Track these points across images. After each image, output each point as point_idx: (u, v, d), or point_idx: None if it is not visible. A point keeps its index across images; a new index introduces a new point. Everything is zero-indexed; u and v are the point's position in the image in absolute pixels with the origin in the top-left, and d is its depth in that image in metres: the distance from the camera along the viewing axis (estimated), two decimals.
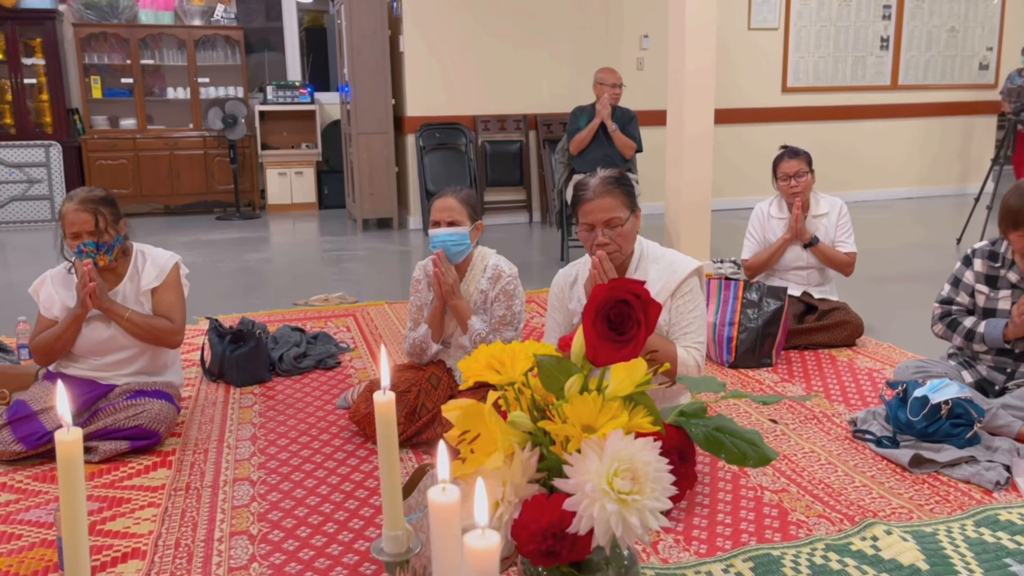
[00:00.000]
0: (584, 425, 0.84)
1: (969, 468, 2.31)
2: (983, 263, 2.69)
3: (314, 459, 2.58)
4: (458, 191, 2.78)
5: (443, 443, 0.67)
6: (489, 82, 7.22)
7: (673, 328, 2.36)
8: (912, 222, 7.13)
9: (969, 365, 2.75)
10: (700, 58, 4.75)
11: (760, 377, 3.26)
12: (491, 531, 0.52)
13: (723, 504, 2.21)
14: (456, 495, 0.61)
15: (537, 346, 0.92)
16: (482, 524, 0.53)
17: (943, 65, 8.41)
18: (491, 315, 2.73)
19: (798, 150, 3.68)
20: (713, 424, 0.94)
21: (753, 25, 7.78)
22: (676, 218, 5.02)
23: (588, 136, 5.21)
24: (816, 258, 3.68)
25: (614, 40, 7.41)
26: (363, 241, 6.66)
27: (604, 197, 2.30)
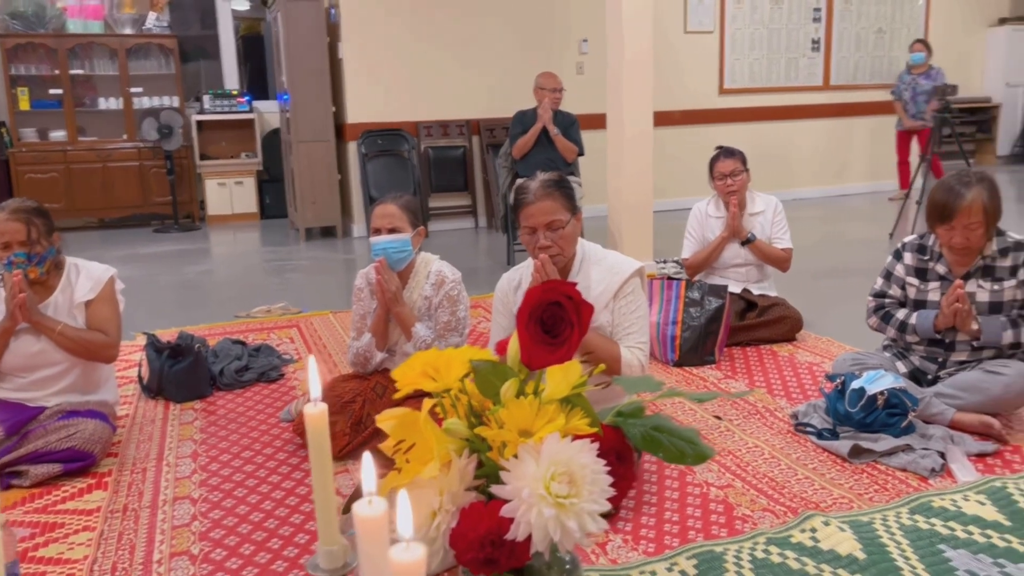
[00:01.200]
0: (521, 430, 0.83)
1: (905, 456, 2.37)
2: (913, 256, 2.77)
3: (257, 474, 2.53)
4: (398, 197, 2.76)
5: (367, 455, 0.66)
6: (431, 88, 7.20)
7: (616, 329, 2.38)
8: (846, 218, 7.31)
9: (903, 356, 2.83)
10: (637, 62, 4.80)
11: (704, 374, 3.30)
12: (416, 544, 0.51)
13: (670, 502, 2.22)
14: (383, 508, 0.59)
15: (473, 351, 0.91)
16: (407, 537, 0.52)
17: (872, 65, 8.66)
18: (436, 321, 2.71)
19: (733, 150, 3.75)
20: (651, 423, 0.94)
21: (689, 28, 7.91)
22: (619, 219, 5.07)
23: (530, 140, 5.23)
24: (754, 255, 3.74)
25: (554, 45, 7.45)
26: (306, 250, 6.57)
27: (544, 200, 2.31)
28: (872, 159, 8.68)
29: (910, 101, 7.82)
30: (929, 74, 7.75)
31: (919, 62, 7.75)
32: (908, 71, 7.88)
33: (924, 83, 7.74)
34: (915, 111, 7.80)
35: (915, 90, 7.79)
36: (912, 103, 7.81)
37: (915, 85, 7.78)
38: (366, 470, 0.62)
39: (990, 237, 2.61)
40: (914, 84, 7.78)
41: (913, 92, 7.80)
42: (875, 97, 8.62)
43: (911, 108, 7.82)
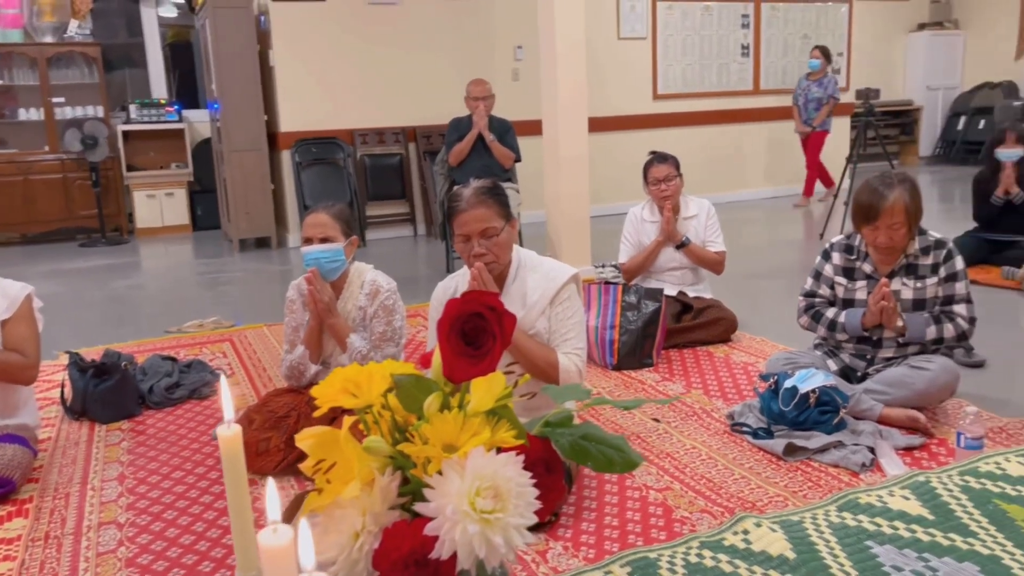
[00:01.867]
0: (446, 444, 0.81)
1: (837, 452, 2.42)
2: (840, 256, 2.83)
3: (189, 495, 2.45)
4: (330, 206, 2.71)
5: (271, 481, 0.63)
6: (365, 95, 7.13)
7: (554, 335, 2.38)
8: (778, 220, 7.48)
9: (833, 354, 2.89)
10: (571, 68, 4.83)
11: (643, 377, 3.33)
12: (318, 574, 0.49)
13: (610, 507, 2.23)
14: (288, 537, 0.57)
15: (396, 365, 0.88)
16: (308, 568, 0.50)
17: (799, 70, 8.86)
18: (371, 332, 2.67)
19: (666, 155, 3.79)
20: (579, 432, 0.93)
21: (622, 35, 8.00)
22: (557, 225, 5.09)
23: (466, 147, 5.21)
24: (688, 258, 3.79)
25: (489, 51, 7.46)
26: (240, 262, 6.42)
27: (478, 207, 2.30)
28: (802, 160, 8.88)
29: (803, 107, 7.92)
30: (822, 82, 7.81)
31: (815, 68, 7.82)
32: (806, 77, 7.97)
33: (816, 90, 7.81)
34: (806, 117, 7.89)
35: (807, 96, 7.87)
36: (804, 109, 7.90)
37: (808, 91, 7.87)
38: (270, 497, 0.59)
39: (912, 236, 2.69)
40: (807, 90, 7.88)
41: (805, 98, 7.89)
42: None
43: (803, 114, 7.91)
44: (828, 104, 7.82)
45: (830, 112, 7.89)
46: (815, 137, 7.97)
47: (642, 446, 2.62)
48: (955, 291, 2.69)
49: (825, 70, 7.85)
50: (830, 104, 7.84)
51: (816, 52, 7.90)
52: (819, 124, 7.88)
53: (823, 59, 7.81)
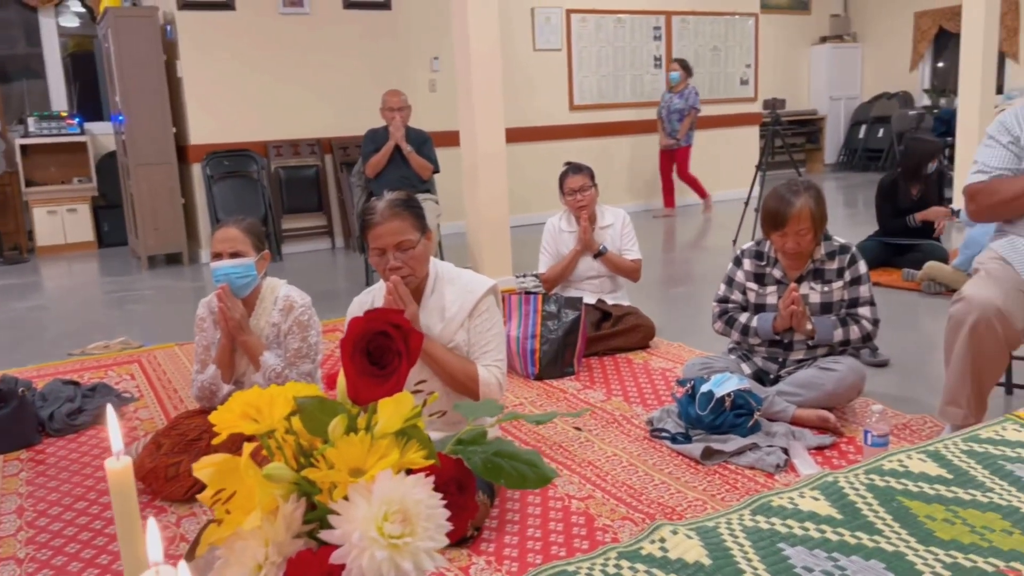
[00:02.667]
0: (353, 468, 0.79)
1: (752, 455, 2.47)
2: (751, 262, 2.91)
3: (93, 526, 2.33)
4: (240, 220, 2.64)
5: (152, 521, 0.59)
6: (279, 107, 6.99)
7: (473, 348, 2.36)
8: (693, 227, 7.65)
9: (747, 358, 2.96)
10: (487, 79, 4.84)
11: (564, 386, 3.34)
12: None
13: (533, 519, 2.22)
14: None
15: (299, 387, 0.85)
16: None
17: (710, 81, 9.13)
18: (286, 349, 2.60)
19: (581, 165, 3.83)
20: (492, 449, 0.91)
21: (538, 47, 8.07)
22: (477, 236, 5.08)
23: (383, 159, 5.16)
24: (606, 267, 3.83)
25: (405, 62, 7.42)
26: (149, 280, 6.19)
27: (392, 220, 2.26)
28: (716, 170, 9.12)
29: (666, 119, 7.92)
30: (683, 94, 7.82)
31: (676, 81, 7.82)
32: (669, 90, 7.99)
33: (677, 102, 7.81)
34: (670, 130, 7.89)
35: (669, 108, 7.87)
36: (667, 121, 7.91)
37: (670, 104, 7.87)
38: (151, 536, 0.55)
39: (819, 241, 2.78)
40: (669, 103, 7.88)
41: (668, 110, 7.89)
42: (715, 111, 9.08)
43: (667, 126, 7.91)
44: (689, 116, 7.81)
45: (692, 125, 7.88)
46: (681, 151, 7.95)
47: (564, 455, 2.63)
48: (859, 294, 2.80)
49: (686, 82, 7.86)
50: (691, 116, 7.82)
51: (676, 65, 7.89)
52: (683, 138, 7.88)
53: (683, 72, 7.82)
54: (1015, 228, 2.48)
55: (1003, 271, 2.39)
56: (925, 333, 3.89)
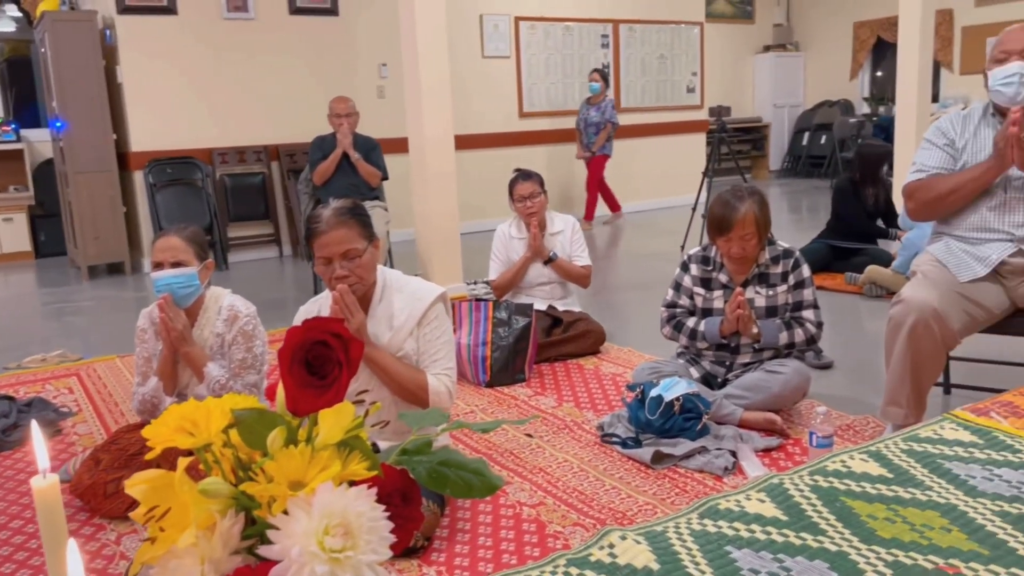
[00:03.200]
0: (293, 481, 0.77)
1: (701, 458, 2.50)
2: (698, 267, 2.94)
3: (29, 545, 2.25)
4: (182, 229, 2.58)
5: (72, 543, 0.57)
6: (224, 113, 6.88)
7: (422, 356, 2.34)
8: (642, 233, 7.73)
9: (695, 362, 3.00)
10: (436, 86, 4.82)
11: (515, 393, 3.33)
12: None
13: (484, 527, 2.20)
14: None
15: (237, 399, 0.83)
16: None
17: (657, 89, 9.25)
18: (230, 360, 2.55)
19: (530, 172, 3.84)
20: (437, 459, 0.90)
21: (487, 54, 8.09)
22: (427, 243, 5.05)
23: (331, 166, 5.10)
24: (556, 273, 3.85)
25: (353, 69, 7.36)
26: (89, 290, 6.02)
27: (338, 229, 2.23)
28: (664, 176, 9.24)
29: (583, 131, 7.81)
30: (600, 106, 7.70)
31: (595, 92, 7.70)
32: (587, 101, 7.85)
33: (594, 114, 7.69)
34: (587, 141, 7.79)
35: (587, 120, 7.78)
36: (584, 133, 7.81)
37: (587, 115, 7.76)
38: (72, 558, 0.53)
39: (763, 246, 2.82)
40: (587, 115, 7.77)
41: (585, 123, 7.79)
42: (661, 118, 9.21)
43: (584, 138, 7.81)
44: (606, 128, 7.72)
45: (609, 136, 7.80)
46: (595, 161, 7.84)
47: (515, 462, 2.62)
48: (803, 297, 2.85)
49: (604, 94, 7.75)
50: (608, 128, 7.73)
51: (595, 76, 7.72)
52: (598, 149, 7.75)
53: (602, 83, 7.70)
54: (950, 230, 2.55)
55: (939, 273, 2.46)
56: (867, 335, 3.98)
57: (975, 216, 2.48)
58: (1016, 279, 2.42)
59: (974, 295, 2.41)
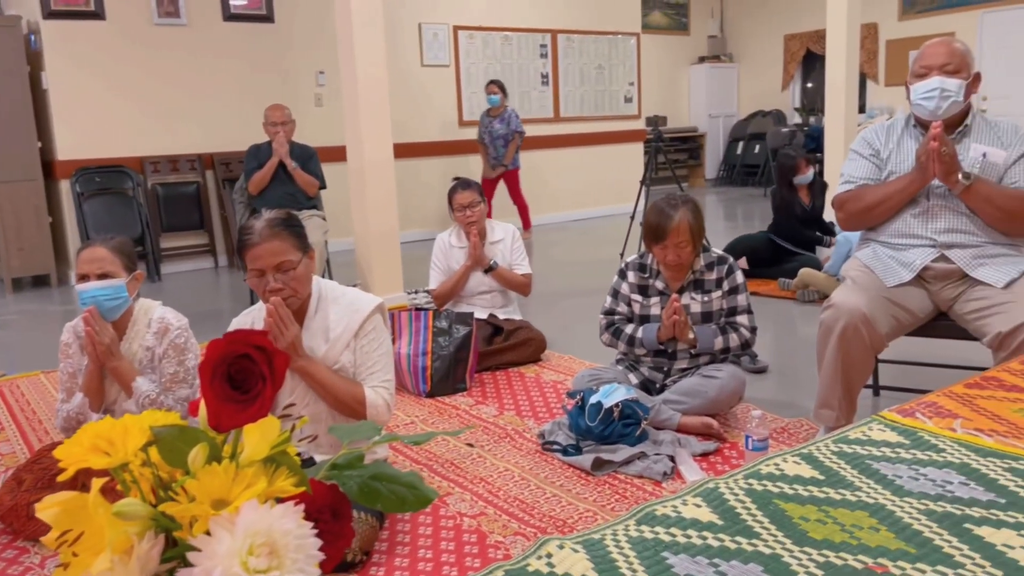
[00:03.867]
0: (216, 500, 0.74)
1: (641, 463, 2.52)
2: (635, 274, 2.97)
3: None
4: (109, 239, 2.50)
5: None
6: (155, 121, 6.70)
7: (360, 368, 2.30)
8: (582, 242, 7.79)
9: (634, 368, 3.02)
10: (374, 94, 4.78)
11: (456, 403, 3.31)
12: None
13: (424, 539, 2.18)
14: None
15: (157, 415, 0.80)
16: None
17: (595, 99, 9.35)
18: (161, 374, 2.48)
19: (469, 181, 3.84)
20: (369, 473, 0.88)
21: (426, 62, 8.06)
22: (366, 252, 5.00)
23: (267, 175, 5.01)
24: (497, 282, 3.84)
25: (290, 76, 7.26)
26: (13, 303, 5.79)
27: (272, 240, 2.19)
28: (603, 185, 9.34)
29: (490, 145, 7.48)
30: (502, 117, 7.40)
31: (495, 104, 7.40)
32: (487, 114, 7.52)
33: (498, 126, 7.40)
34: (494, 155, 7.47)
35: (492, 134, 7.46)
36: (491, 147, 7.48)
37: (491, 128, 7.45)
38: None
39: (698, 253, 2.87)
40: (490, 127, 7.46)
41: (491, 136, 7.47)
42: (600, 128, 9.31)
43: (491, 151, 7.49)
44: (514, 140, 7.47)
45: (518, 147, 7.54)
46: (510, 174, 7.58)
47: (456, 473, 2.60)
48: (737, 303, 2.90)
49: (504, 105, 7.46)
50: (516, 140, 7.47)
51: (493, 87, 7.40)
52: (510, 162, 7.51)
53: (501, 94, 7.38)
54: (877, 236, 2.63)
55: (868, 279, 2.53)
56: (800, 339, 4.08)
57: (900, 223, 2.56)
58: (939, 283, 2.50)
59: (900, 299, 2.48)
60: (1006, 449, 1.41)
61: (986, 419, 1.55)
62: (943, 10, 10.15)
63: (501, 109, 7.44)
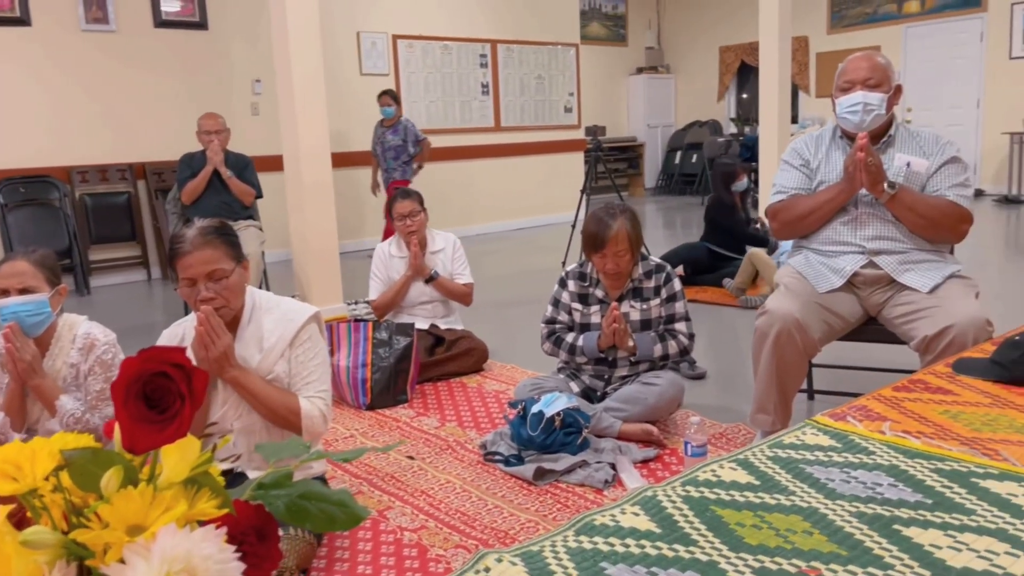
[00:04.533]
0: (132, 526, 0.71)
1: (582, 472, 2.52)
2: (575, 283, 2.98)
3: None
4: (31, 252, 2.40)
5: None
6: (84, 130, 6.50)
7: (295, 379, 2.25)
8: (524, 250, 7.81)
9: (575, 376, 3.03)
10: (311, 103, 4.72)
11: (397, 415, 3.27)
12: None
13: (363, 555, 2.14)
14: None
15: (70, 438, 0.76)
16: None
17: (536, 108, 9.40)
18: (86, 391, 2.38)
19: (409, 191, 3.81)
20: (297, 491, 0.85)
21: (365, 71, 8.00)
22: (304, 263, 4.92)
23: (201, 184, 4.89)
24: (438, 292, 3.82)
25: (225, 84, 7.12)
26: None
27: (204, 249, 2.13)
28: (545, 194, 9.38)
29: (381, 157, 7.11)
30: (396, 128, 7.03)
31: (389, 116, 7.02)
32: (380, 124, 7.14)
33: (392, 138, 7.02)
34: (385, 166, 7.11)
35: (384, 145, 7.08)
36: (383, 159, 7.11)
37: (384, 140, 7.06)
38: None
39: (636, 262, 2.89)
40: (383, 138, 7.07)
41: (383, 147, 7.09)
42: (540, 137, 9.37)
43: (382, 163, 7.12)
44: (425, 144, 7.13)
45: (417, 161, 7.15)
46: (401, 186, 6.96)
47: (396, 486, 2.56)
48: (675, 310, 2.93)
49: (399, 116, 7.11)
50: (425, 144, 7.13)
51: (387, 99, 7.01)
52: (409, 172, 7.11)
53: (395, 105, 7.02)
54: (808, 243, 2.69)
55: (800, 285, 2.58)
56: (737, 345, 4.15)
57: (830, 231, 2.62)
58: (868, 289, 2.57)
59: (831, 305, 2.54)
60: (932, 450, 1.45)
61: (913, 421, 1.59)
62: (869, 24, 10.50)
63: (395, 120, 7.07)
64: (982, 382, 1.77)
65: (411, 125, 7.12)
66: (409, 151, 7.09)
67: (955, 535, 1.16)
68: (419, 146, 7.13)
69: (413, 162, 7.13)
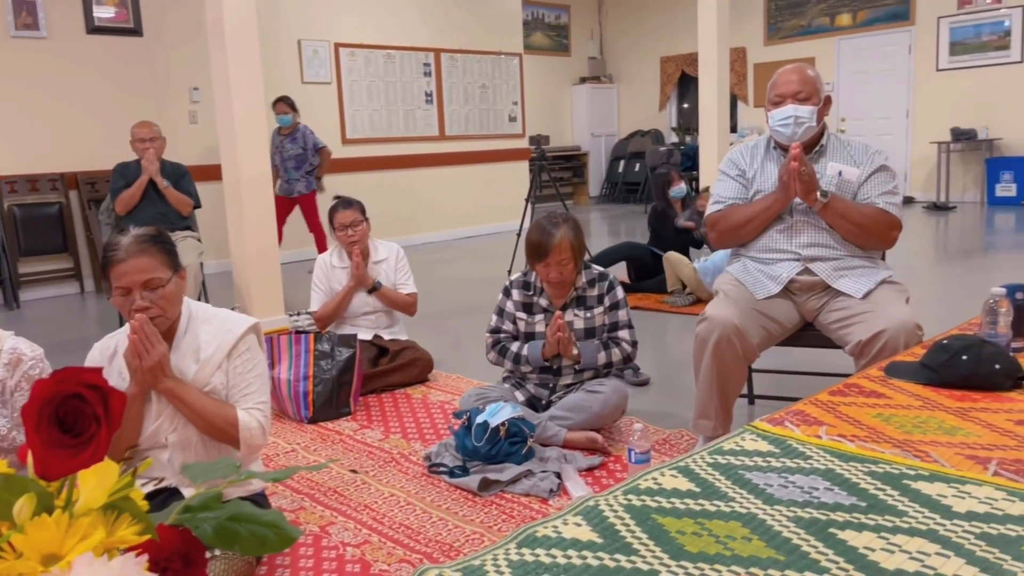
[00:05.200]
0: (47, 555, 0.67)
1: (527, 482, 2.51)
2: (519, 292, 2.98)
3: None
4: None
5: None
6: (11, 138, 6.28)
7: (233, 391, 2.20)
8: (469, 259, 7.79)
9: (520, 385, 3.02)
10: (250, 111, 4.64)
11: (340, 428, 3.22)
12: None
13: (305, 571, 2.10)
14: None
15: None
16: None
17: (480, 117, 9.41)
18: (12, 408, 2.29)
19: (351, 200, 3.76)
20: (226, 514, 0.82)
21: (306, 79, 7.91)
22: (245, 274, 4.82)
23: (136, 194, 4.77)
24: (381, 302, 3.78)
25: (162, 92, 6.96)
26: None
27: (139, 257, 2.07)
28: (490, 203, 9.38)
29: (281, 166, 6.76)
30: (294, 137, 6.74)
31: (286, 124, 6.74)
32: (278, 132, 6.80)
33: (291, 147, 6.73)
34: (287, 177, 6.77)
35: (283, 155, 6.75)
36: (283, 169, 6.77)
37: (283, 149, 6.75)
38: None
39: (579, 270, 2.90)
40: (281, 148, 6.75)
41: (282, 157, 6.75)
42: (485, 146, 9.37)
43: (283, 174, 6.78)
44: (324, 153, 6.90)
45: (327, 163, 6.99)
46: (306, 199, 6.86)
47: (339, 501, 2.52)
48: (619, 318, 2.95)
49: (296, 123, 6.82)
50: (324, 153, 6.90)
51: (283, 106, 6.70)
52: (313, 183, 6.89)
53: (292, 112, 6.74)
54: (746, 251, 2.73)
55: (738, 292, 2.62)
56: (679, 352, 4.20)
57: (767, 239, 2.67)
58: (804, 295, 2.62)
59: (769, 311, 2.58)
60: (866, 453, 1.48)
61: (848, 425, 1.62)
62: (804, 36, 10.78)
63: (293, 128, 6.80)
64: (913, 385, 1.82)
65: (309, 133, 6.82)
66: (310, 161, 6.80)
67: (888, 537, 1.18)
68: (318, 155, 6.84)
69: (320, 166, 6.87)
